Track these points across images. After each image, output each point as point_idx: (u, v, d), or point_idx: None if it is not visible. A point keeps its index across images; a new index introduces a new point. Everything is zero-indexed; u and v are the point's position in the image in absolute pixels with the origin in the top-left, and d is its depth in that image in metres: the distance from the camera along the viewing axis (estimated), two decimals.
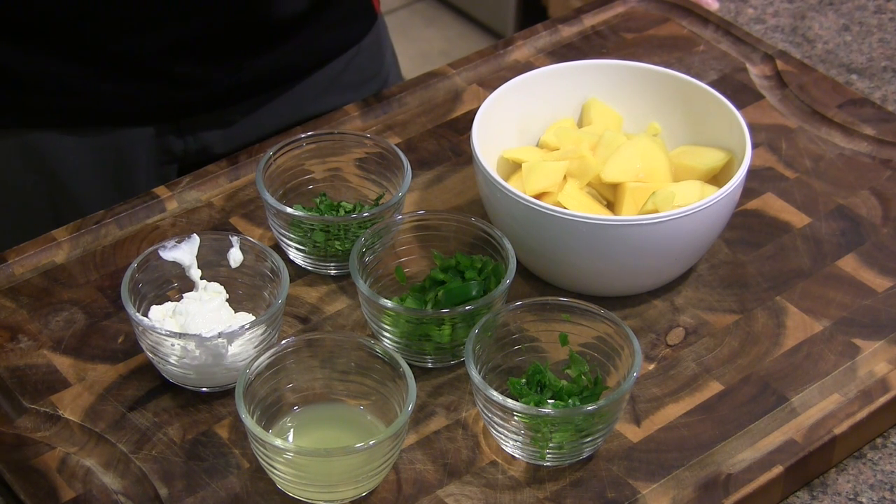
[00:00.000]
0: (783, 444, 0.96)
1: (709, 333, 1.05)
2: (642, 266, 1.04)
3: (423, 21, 3.09)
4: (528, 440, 0.94)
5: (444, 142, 1.22)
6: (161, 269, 1.02)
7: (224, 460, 0.95)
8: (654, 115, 1.16)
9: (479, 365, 0.95)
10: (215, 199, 1.16)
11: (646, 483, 0.94)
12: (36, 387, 1.00)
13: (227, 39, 1.23)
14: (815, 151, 1.21)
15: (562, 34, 1.34)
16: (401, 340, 1.00)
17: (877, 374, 1.01)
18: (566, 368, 0.99)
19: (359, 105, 1.25)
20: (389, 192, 1.11)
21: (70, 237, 1.12)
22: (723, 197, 1.02)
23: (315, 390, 0.97)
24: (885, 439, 1.01)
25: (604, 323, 0.97)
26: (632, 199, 1.06)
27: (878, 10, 1.43)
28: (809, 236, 1.13)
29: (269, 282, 1.02)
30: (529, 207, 1.01)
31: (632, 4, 1.38)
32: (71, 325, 1.05)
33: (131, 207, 1.14)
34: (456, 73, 1.29)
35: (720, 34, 1.33)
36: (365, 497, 0.93)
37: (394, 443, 0.91)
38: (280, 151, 1.10)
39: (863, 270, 1.10)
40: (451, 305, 1.00)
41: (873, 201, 1.16)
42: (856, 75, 1.34)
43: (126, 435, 0.97)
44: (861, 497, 0.97)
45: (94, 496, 0.93)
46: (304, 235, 1.07)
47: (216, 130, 1.28)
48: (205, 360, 0.97)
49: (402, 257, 1.06)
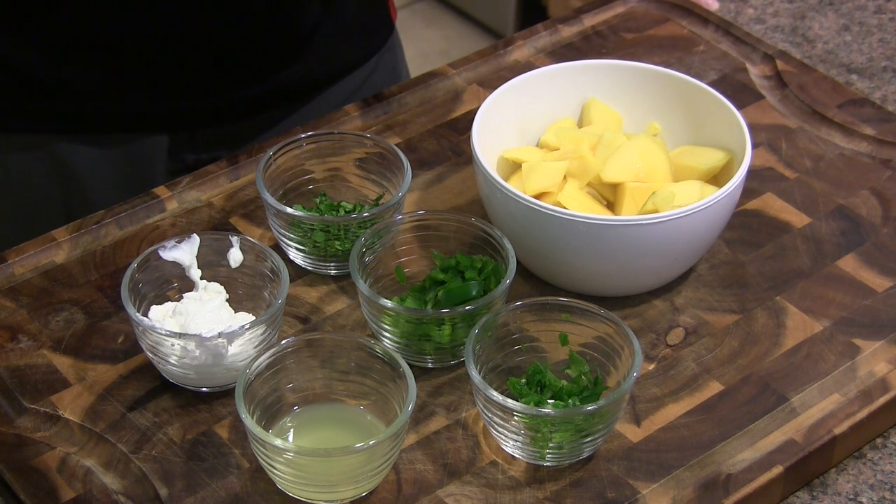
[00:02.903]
0: (783, 444, 0.96)
1: (709, 333, 1.05)
2: (642, 266, 1.04)
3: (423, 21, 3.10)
4: (528, 440, 0.94)
5: (444, 142, 1.22)
6: (161, 269, 1.02)
7: (224, 460, 0.95)
8: (654, 115, 1.16)
9: (479, 365, 0.95)
10: (215, 199, 1.16)
11: (646, 483, 0.94)
12: (36, 387, 1.00)
13: (245, 51, 1.23)
14: (815, 151, 1.21)
15: (562, 34, 1.34)
16: (401, 340, 1.00)
17: (877, 374, 1.01)
18: (566, 368, 0.99)
19: (359, 105, 1.25)
20: (389, 192, 1.11)
21: (70, 237, 1.12)
22: (723, 197, 1.02)
23: (315, 390, 0.97)
24: (885, 439, 1.01)
25: (604, 323, 0.97)
26: (632, 199, 1.06)
27: (878, 10, 1.43)
28: (809, 236, 1.13)
29: (269, 282, 1.02)
30: (529, 207, 1.01)
31: (632, 4, 1.38)
32: (71, 325, 1.05)
33: (131, 207, 1.14)
34: (456, 73, 1.29)
35: (720, 34, 1.33)
36: (365, 497, 0.93)
37: (394, 443, 0.91)
38: (280, 151, 1.10)
39: (863, 270, 1.10)
40: (451, 305, 1.00)
41: (873, 201, 1.16)
42: (856, 75, 1.34)
43: (126, 435, 0.97)
44: (861, 497, 0.97)
45: (94, 496, 0.93)
46: (304, 235, 1.07)
47: (230, 143, 1.28)
48: (205, 360, 0.97)
49: (402, 257, 1.06)
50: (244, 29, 1.21)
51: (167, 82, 1.23)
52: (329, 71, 1.30)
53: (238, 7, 1.19)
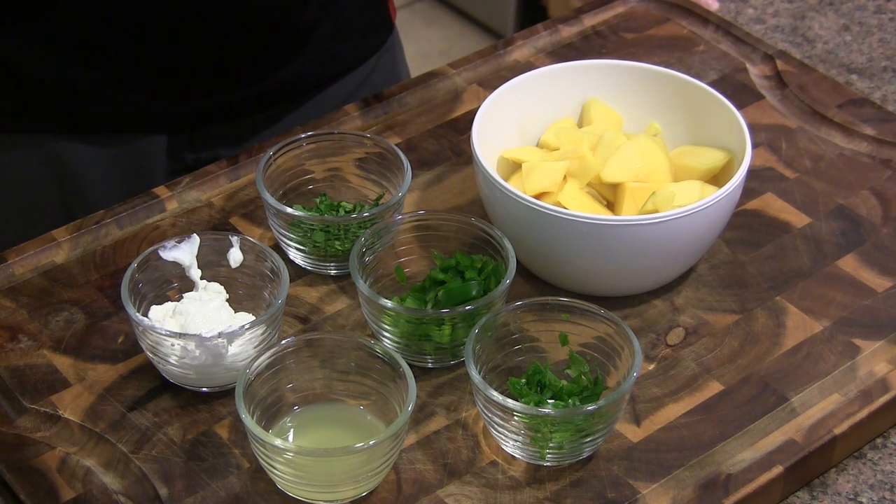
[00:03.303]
0: (783, 444, 0.96)
1: (709, 333, 1.05)
2: (642, 266, 1.04)
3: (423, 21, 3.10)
4: (528, 440, 0.94)
5: (444, 142, 1.22)
6: (161, 269, 1.02)
7: (224, 460, 0.95)
8: (654, 115, 1.16)
9: (479, 365, 0.95)
10: (215, 199, 1.16)
11: (646, 483, 0.94)
12: (36, 387, 1.00)
13: (244, 50, 1.23)
14: (815, 151, 1.21)
15: (562, 34, 1.34)
16: (401, 340, 1.00)
17: (877, 374, 1.01)
18: (566, 368, 0.99)
19: (359, 105, 1.25)
20: (389, 192, 1.11)
21: (70, 237, 1.12)
22: (723, 197, 1.02)
23: (315, 390, 0.97)
24: (885, 439, 1.01)
25: (604, 323, 0.97)
26: (632, 199, 1.06)
27: (878, 10, 1.43)
28: (809, 236, 1.13)
29: (269, 282, 1.02)
30: (529, 207, 1.01)
31: (632, 4, 1.38)
32: (71, 325, 1.05)
33: (131, 207, 1.14)
34: (456, 73, 1.29)
35: (720, 34, 1.33)
36: (365, 497, 0.93)
37: (394, 443, 0.91)
38: (280, 151, 1.10)
39: (863, 270, 1.10)
40: (451, 305, 1.00)
41: (873, 201, 1.16)
42: (856, 75, 1.34)
43: (126, 435, 0.97)
44: (861, 497, 0.97)
45: (94, 496, 0.93)
46: (304, 235, 1.07)
47: (229, 146, 1.28)
48: (205, 360, 0.97)
49: (402, 257, 1.06)
50: (243, 28, 1.21)
51: (166, 82, 1.23)
52: (328, 70, 1.30)
53: (237, 6, 1.19)
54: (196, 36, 1.20)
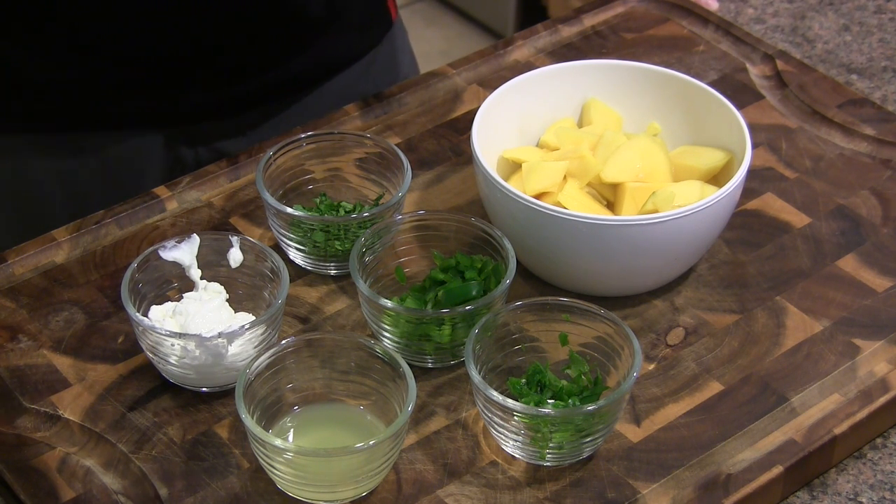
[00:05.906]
0: (783, 444, 0.96)
1: (709, 333, 1.05)
2: (642, 266, 1.04)
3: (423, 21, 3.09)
4: (528, 440, 0.94)
5: (444, 142, 1.22)
6: (161, 269, 1.02)
7: (224, 460, 0.95)
8: (654, 115, 1.16)
9: (479, 365, 0.95)
10: (215, 199, 1.16)
11: (646, 483, 0.94)
12: (36, 387, 1.00)
13: (244, 47, 1.23)
14: (815, 151, 1.21)
15: (562, 34, 1.34)
16: (401, 340, 1.00)
17: (877, 374, 1.01)
18: (566, 368, 0.99)
19: (359, 105, 1.25)
20: (389, 192, 1.11)
21: (70, 237, 1.12)
22: (723, 197, 1.02)
23: (315, 390, 0.97)
24: (885, 439, 1.01)
25: (604, 323, 0.97)
26: (632, 199, 1.06)
27: (878, 10, 1.43)
28: (809, 236, 1.13)
29: (269, 282, 1.02)
30: (529, 207, 1.01)
31: (632, 4, 1.38)
32: (71, 325, 1.05)
33: (131, 207, 1.14)
34: (456, 73, 1.29)
35: (720, 34, 1.33)
36: (365, 497, 0.93)
37: (394, 443, 0.91)
38: (280, 151, 1.10)
39: (863, 270, 1.10)
40: (451, 305, 1.00)
41: (873, 201, 1.16)
42: (856, 75, 1.34)
43: (126, 435, 0.97)
44: (861, 497, 0.97)
45: (94, 496, 0.93)
46: (304, 235, 1.07)
47: (227, 140, 1.28)
48: (205, 360, 0.97)
49: (402, 257, 1.06)
50: (243, 25, 1.21)
51: (164, 78, 1.22)
52: (327, 66, 1.30)
53: (237, 4, 1.19)
54: (195, 31, 1.20)
